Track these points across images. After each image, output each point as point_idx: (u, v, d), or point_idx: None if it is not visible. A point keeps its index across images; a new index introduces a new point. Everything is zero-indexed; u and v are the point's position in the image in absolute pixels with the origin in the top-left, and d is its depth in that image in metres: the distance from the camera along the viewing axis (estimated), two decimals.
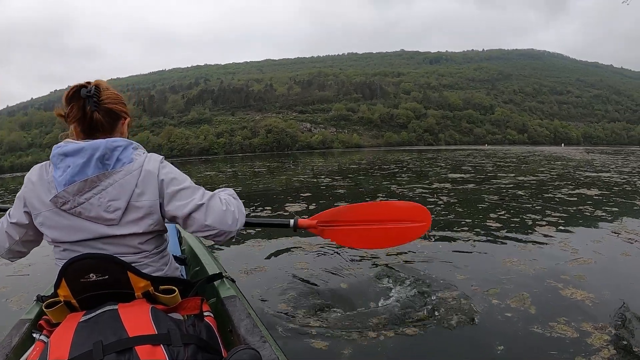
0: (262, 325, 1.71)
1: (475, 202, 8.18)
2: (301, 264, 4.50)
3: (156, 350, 1.17)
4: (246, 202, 9.11)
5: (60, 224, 1.49)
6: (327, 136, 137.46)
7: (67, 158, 1.46)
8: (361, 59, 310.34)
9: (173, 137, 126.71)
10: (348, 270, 4.18)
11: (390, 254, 4.55)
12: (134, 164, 1.52)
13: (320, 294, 3.61)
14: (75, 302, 1.47)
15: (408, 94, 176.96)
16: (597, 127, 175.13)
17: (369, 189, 11.06)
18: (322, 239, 2.38)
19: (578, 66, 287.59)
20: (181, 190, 1.57)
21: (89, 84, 1.56)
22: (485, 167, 18.86)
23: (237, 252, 5.22)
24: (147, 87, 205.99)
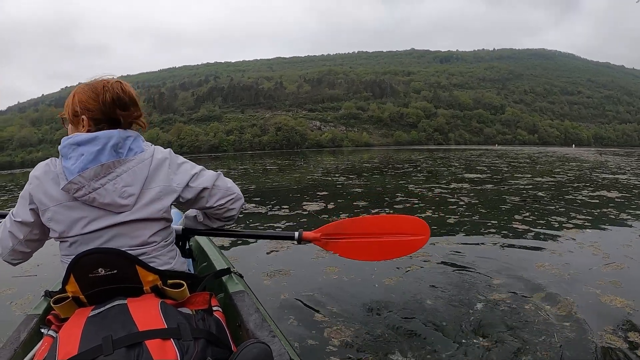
0: (271, 320, 1.73)
1: (497, 203, 8.07)
2: (310, 260, 4.51)
3: (166, 344, 1.16)
4: (262, 200, 9.14)
5: (70, 217, 1.48)
6: (336, 134, 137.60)
7: (80, 147, 1.47)
8: (371, 58, 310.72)
9: (183, 134, 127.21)
10: (362, 268, 4.14)
11: (413, 256, 4.47)
12: (146, 153, 1.57)
13: (329, 290, 3.61)
14: (83, 298, 1.46)
15: (418, 93, 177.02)
16: (608, 129, 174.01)
17: (387, 189, 10.94)
18: None
19: (589, 66, 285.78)
20: (199, 171, 1.70)
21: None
22: (500, 167, 18.71)
23: (244, 248, 5.22)
24: (157, 84, 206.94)
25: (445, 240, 5.09)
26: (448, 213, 6.98)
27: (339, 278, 3.91)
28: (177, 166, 1.66)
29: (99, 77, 1.66)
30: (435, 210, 7.20)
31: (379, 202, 8.44)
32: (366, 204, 8.20)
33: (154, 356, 1.13)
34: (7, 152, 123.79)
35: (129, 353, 1.12)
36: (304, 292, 3.60)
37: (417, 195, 9.36)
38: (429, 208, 7.47)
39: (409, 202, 8.22)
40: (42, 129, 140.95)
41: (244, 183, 13.95)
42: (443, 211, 7.18)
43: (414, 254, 4.46)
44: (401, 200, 8.60)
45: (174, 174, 1.64)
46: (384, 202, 8.35)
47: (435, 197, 8.81)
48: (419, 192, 9.80)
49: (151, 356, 1.13)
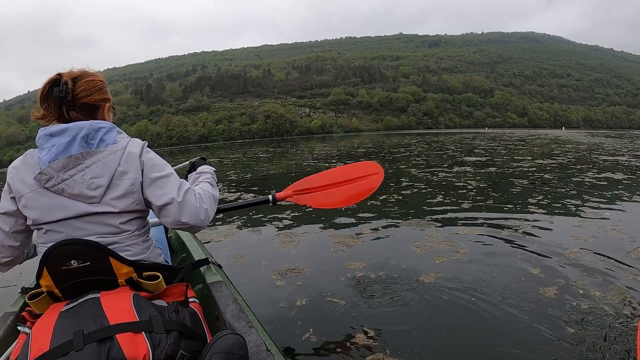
0: (249, 310, 1.72)
1: (506, 187, 7.90)
2: (290, 250, 4.37)
3: (137, 337, 1.16)
4: (260, 190, 8.88)
5: (42, 203, 1.47)
6: (326, 121, 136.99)
7: (53, 138, 1.48)
8: (359, 43, 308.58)
9: (172, 125, 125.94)
10: (346, 257, 4.01)
11: (439, 243, 4.27)
12: (118, 145, 1.55)
13: (311, 279, 3.50)
14: (58, 292, 1.44)
15: (407, 78, 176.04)
16: (597, 111, 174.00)
17: (390, 174, 10.72)
18: (307, 226, 3.11)
19: (578, 49, 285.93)
20: (161, 178, 1.60)
21: (60, 76, 1.57)
22: (497, 150, 18.58)
23: (224, 237, 5.06)
24: (144, 76, 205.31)
25: (468, 229, 4.87)
26: (460, 198, 6.78)
27: (323, 267, 3.79)
28: (149, 167, 1.59)
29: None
30: (446, 196, 7.00)
31: (384, 187, 8.17)
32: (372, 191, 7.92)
33: (125, 350, 1.12)
34: None
35: (99, 348, 1.11)
36: (286, 281, 3.51)
37: (422, 180, 9.14)
38: (438, 193, 7.27)
39: (416, 187, 8.01)
40: (30, 126, 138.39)
41: (240, 173, 13.68)
42: (454, 196, 6.98)
43: (437, 240, 4.31)
44: (407, 185, 8.39)
45: (145, 173, 1.58)
46: (390, 188, 8.12)
47: (442, 182, 8.61)
48: (423, 177, 9.59)
49: (122, 350, 1.11)
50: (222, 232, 5.27)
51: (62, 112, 1.56)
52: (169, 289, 1.57)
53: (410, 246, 4.22)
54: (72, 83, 1.56)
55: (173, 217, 1.60)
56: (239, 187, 9.43)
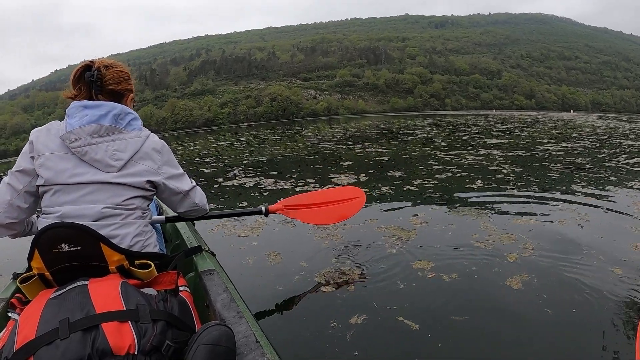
0: (240, 299, 1.72)
1: (543, 171, 7.41)
2: (286, 238, 4.20)
3: (123, 327, 1.15)
4: (280, 173, 8.52)
5: (59, 165, 1.56)
6: (332, 103, 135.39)
7: (87, 109, 1.62)
8: (365, 24, 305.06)
9: (177, 109, 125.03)
10: (358, 249, 3.73)
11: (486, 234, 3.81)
12: (142, 133, 1.72)
13: (308, 269, 3.32)
14: (49, 275, 1.46)
15: (413, 59, 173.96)
16: (605, 94, 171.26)
17: (415, 157, 10.27)
18: None
19: (587, 31, 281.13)
20: (180, 174, 1.87)
21: (92, 63, 1.73)
22: (515, 132, 18.04)
23: (218, 225, 4.78)
24: (148, 61, 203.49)
25: (521, 219, 4.40)
26: (500, 183, 6.33)
27: (319, 256, 3.59)
28: (170, 166, 1.81)
29: None
30: (484, 181, 6.54)
31: (415, 171, 7.76)
32: (402, 174, 7.52)
33: (110, 339, 1.12)
34: (1, 141, 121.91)
35: (85, 337, 1.11)
36: (281, 270, 3.36)
37: (452, 163, 8.64)
38: (475, 178, 6.80)
39: (449, 171, 7.51)
40: (35, 114, 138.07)
41: (256, 156, 13.19)
42: (493, 181, 6.53)
43: (496, 232, 3.80)
44: (438, 169, 7.90)
45: (163, 162, 1.78)
46: (422, 172, 7.68)
47: (474, 165, 8.12)
48: (451, 160, 9.09)
49: (106, 339, 1.11)
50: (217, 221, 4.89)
51: (92, 94, 1.72)
52: (160, 277, 1.57)
53: (471, 240, 3.74)
54: (104, 69, 1.73)
55: (191, 200, 1.93)
56: (257, 172, 8.94)
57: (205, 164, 12.00)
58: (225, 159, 13.17)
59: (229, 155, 14.83)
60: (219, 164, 11.43)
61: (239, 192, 6.90)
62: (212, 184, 7.88)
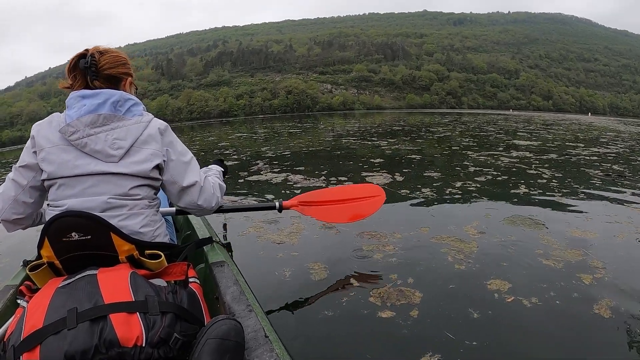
0: (250, 292, 1.71)
1: (583, 178, 7.00)
2: (300, 230, 4.04)
3: (131, 318, 1.15)
4: (308, 169, 8.19)
5: (61, 158, 1.53)
6: (348, 97, 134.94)
7: (84, 99, 1.58)
8: (382, 19, 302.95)
9: (192, 100, 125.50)
10: (371, 248, 3.59)
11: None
12: (143, 118, 1.67)
13: (315, 259, 3.26)
14: (58, 263, 1.46)
15: (431, 56, 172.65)
16: (624, 98, 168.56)
17: (446, 156, 9.89)
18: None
19: (607, 33, 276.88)
20: (186, 162, 1.76)
21: (87, 51, 1.69)
22: (541, 134, 17.48)
23: (230, 215, 4.45)
24: (165, 51, 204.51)
25: (580, 232, 4.02)
26: (544, 189, 5.95)
27: (336, 246, 3.57)
28: (173, 149, 1.73)
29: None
30: (528, 186, 6.15)
31: (453, 173, 7.36)
32: (440, 175, 7.13)
33: (118, 330, 1.11)
34: (17, 127, 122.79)
35: (92, 327, 1.10)
36: (293, 264, 3.24)
37: (488, 165, 8.22)
38: (517, 182, 6.42)
39: (488, 174, 7.11)
40: (51, 102, 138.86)
41: (275, 149, 12.88)
42: (536, 186, 6.15)
43: (560, 247, 3.43)
44: (476, 170, 7.50)
45: (166, 143, 1.71)
46: (459, 173, 7.30)
47: (512, 168, 7.71)
48: (486, 162, 8.66)
49: (114, 330, 1.11)
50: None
51: (87, 81, 1.66)
52: (170, 268, 1.58)
53: (537, 256, 3.35)
54: (99, 55, 1.68)
55: (191, 198, 1.78)
56: (283, 167, 8.62)
57: (226, 156, 11.72)
58: (245, 151, 12.89)
59: (249, 147, 14.55)
60: (241, 157, 11.15)
61: (267, 188, 6.60)
62: (236, 177, 7.59)
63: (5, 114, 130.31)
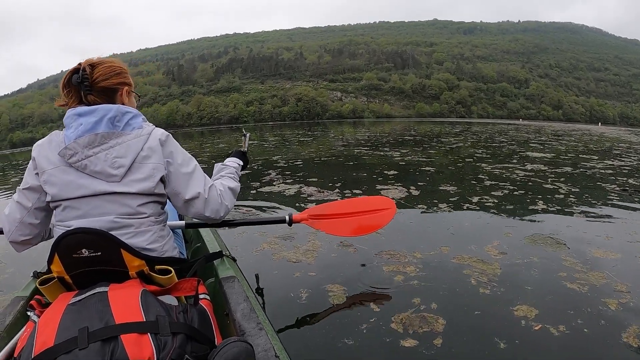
0: (260, 309, 1.71)
1: (600, 193, 6.83)
2: (316, 248, 3.92)
3: (142, 339, 1.14)
4: (321, 180, 8.11)
5: (63, 180, 1.53)
6: (357, 105, 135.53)
7: (81, 117, 1.57)
8: (393, 28, 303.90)
9: (202, 105, 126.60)
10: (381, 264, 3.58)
11: None
12: (143, 130, 1.64)
13: (332, 280, 3.14)
14: (68, 278, 1.47)
15: (441, 65, 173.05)
16: (634, 108, 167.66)
17: (460, 168, 9.72)
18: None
19: (617, 43, 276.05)
20: (188, 173, 1.73)
21: (80, 66, 1.66)
22: (553, 145, 17.26)
23: (240, 229, 4.61)
24: (176, 57, 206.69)
25: (602, 252, 3.91)
26: (564, 206, 5.80)
27: (355, 267, 3.45)
28: (175, 160, 1.70)
29: None
30: (545, 202, 6.00)
31: (469, 187, 7.23)
32: (456, 189, 6.96)
33: (129, 352, 1.10)
34: (29, 129, 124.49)
35: (103, 347, 1.10)
36: (304, 280, 3.21)
37: (503, 178, 8.08)
38: (534, 197, 6.27)
39: (504, 188, 6.95)
40: None
41: (286, 157, 12.81)
42: (553, 202, 6.01)
43: (584, 269, 3.29)
44: (492, 185, 7.34)
45: (167, 153, 1.68)
46: (475, 187, 7.17)
47: (528, 182, 7.56)
48: (502, 175, 8.51)
49: (125, 352, 1.10)
50: None
51: (81, 97, 1.65)
52: (180, 284, 1.58)
53: (560, 279, 3.23)
54: (90, 69, 1.65)
55: (197, 210, 1.77)
56: (295, 178, 8.51)
57: None
58: (257, 159, 12.79)
59: (260, 155, 14.47)
60: (252, 165, 11.02)
61: (281, 200, 6.47)
62: (248, 188, 7.50)
63: (16, 115, 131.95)
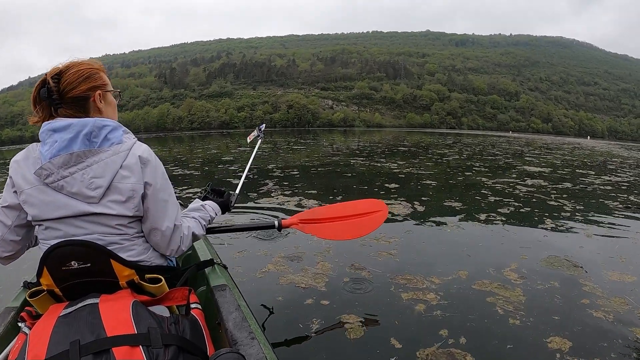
0: (252, 318, 1.68)
1: (604, 211, 6.77)
2: (326, 271, 3.78)
3: (134, 351, 1.12)
4: (321, 193, 7.96)
5: (42, 200, 1.45)
6: (348, 114, 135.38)
7: (55, 134, 1.46)
8: (386, 38, 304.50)
9: (194, 109, 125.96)
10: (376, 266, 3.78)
11: None
12: (123, 146, 1.53)
13: (355, 316, 2.94)
14: (58, 291, 1.43)
15: (432, 76, 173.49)
16: (623, 122, 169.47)
17: (461, 183, 9.60)
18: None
19: (607, 58, 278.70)
20: (164, 200, 1.61)
21: (46, 76, 1.54)
22: (547, 159, 17.35)
23: (232, 235, 4.65)
24: (169, 60, 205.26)
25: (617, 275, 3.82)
26: (571, 225, 5.74)
27: (372, 294, 3.29)
28: (153, 183, 1.58)
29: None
30: (553, 219, 5.92)
31: (473, 203, 7.08)
32: (461, 205, 6.84)
33: None
34: (18, 127, 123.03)
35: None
36: (296, 287, 3.34)
37: (506, 194, 7.97)
38: (542, 215, 6.17)
39: (510, 205, 6.82)
40: None
41: (281, 166, 12.63)
42: (563, 219, 5.95)
43: (603, 294, 3.17)
44: (496, 201, 7.22)
45: (148, 187, 1.56)
46: (480, 203, 7.03)
47: (531, 199, 7.45)
48: (504, 190, 8.41)
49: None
50: None
51: (52, 112, 1.54)
52: (171, 293, 1.54)
53: (584, 306, 3.12)
54: (57, 79, 1.52)
55: (156, 241, 1.63)
56: (294, 189, 8.33)
57: (231, 172, 11.42)
58: (252, 168, 12.51)
59: (255, 164, 14.23)
60: (247, 174, 10.78)
61: (281, 212, 6.26)
62: (245, 199, 7.28)
63: (6, 112, 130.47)
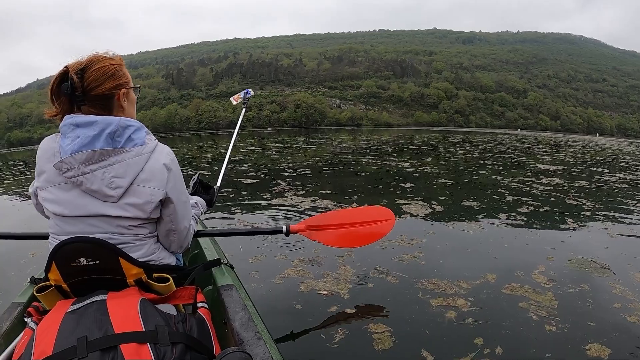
0: (258, 318, 1.70)
1: (625, 209, 6.64)
2: (348, 277, 3.67)
3: (142, 349, 1.12)
4: (335, 193, 7.86)
5: (59, 196, 1.47)
6: (356, 113, 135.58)
7: (78, 129, 1.46)
8: (392, 36, 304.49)
9: (201, 109, 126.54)
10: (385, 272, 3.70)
11: None
12: (145, 148, 1.52)
13: (383, 325, 2.80)
14: (66, 287, 1.45)
15: (440, 74, 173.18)
16: (631, 119, 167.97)
17: (477, 181, 9.46)
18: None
19: (615, 54, 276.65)
20: (184, 202, 1.68)
21: (67, 69, 1.52)
22: (559, 156, 17.09)
23: (247, 239, 4.60)
24: (176, 60, 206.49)
25: None
26: (594, 224, 5.61)
27: (399, 301, 3.18)
28: (173, 186, 1.60)
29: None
30: (575, 219, 5.77)
31: (491, 203, 6.94)
32: (479, 205, 6.68)
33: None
34: (26, 129, 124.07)
35: (102, 357, 1.08)
36: (304, 287, 3.33)
37: (524, 192, 7.83)
38: (564, 215, 6.03)
39: (530, 204, 6.65)
40: None
41: (293, 166, 12.48)
42: (584, 219, 5.83)
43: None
44: (514, 200, 7.06)
45: (169, 190, 1.58)
46: (498, 203, 6.91)
47: (550, 198, 7.30)
48: (521, 189, 8.25)
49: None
50: None
51: (74, 108, 1.53)
52: (178, 292, 1.56)
53: (618, 310, 3.00)
54: (80, 75, 1.50)
55: (171, 239, 1.69)
56: (307, 189, 8.18)
57: (242, 172, 11.25)
58: (262, 167, 12.43)
59: (265, 163, 14.14)
60: (259, 174, 10.70)
61: (297, 213, 6.16)
62: (257, 199, 7.22)
63: (15, 114, 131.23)
